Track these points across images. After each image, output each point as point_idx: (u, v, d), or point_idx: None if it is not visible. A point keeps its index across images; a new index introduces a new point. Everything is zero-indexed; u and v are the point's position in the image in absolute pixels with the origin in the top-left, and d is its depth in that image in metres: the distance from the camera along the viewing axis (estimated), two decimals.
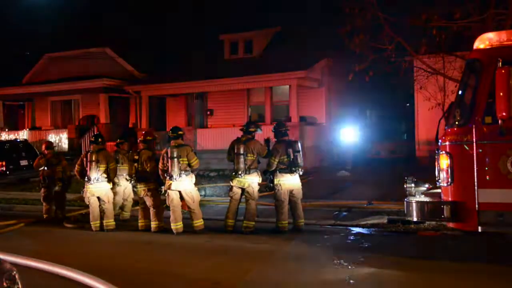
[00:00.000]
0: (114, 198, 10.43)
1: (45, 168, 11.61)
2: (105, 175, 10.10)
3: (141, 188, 9.77)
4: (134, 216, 10.81)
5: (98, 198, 10.05)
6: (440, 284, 6.06)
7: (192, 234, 9.24)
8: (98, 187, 10.03)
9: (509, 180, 6.00)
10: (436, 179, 6.78)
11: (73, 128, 23.74)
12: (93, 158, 10.06)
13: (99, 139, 10.53)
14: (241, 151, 9.24)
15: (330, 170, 18.46)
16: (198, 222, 9.38)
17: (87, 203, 10.20)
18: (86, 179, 10.09)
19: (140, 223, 9.97)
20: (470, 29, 11.53)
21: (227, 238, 8.97)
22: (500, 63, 5.94)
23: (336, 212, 10.70)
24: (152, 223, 9.70)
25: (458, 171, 6.32)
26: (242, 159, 9.21)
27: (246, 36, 22.41)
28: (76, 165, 10.53)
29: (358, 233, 9.08)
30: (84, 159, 10.29)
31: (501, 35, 6.38)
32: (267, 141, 9.57)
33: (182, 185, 9.30)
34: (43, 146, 12.04)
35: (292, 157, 9.12)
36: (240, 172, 9.22)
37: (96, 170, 10.00)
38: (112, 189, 10.36)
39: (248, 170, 9.22)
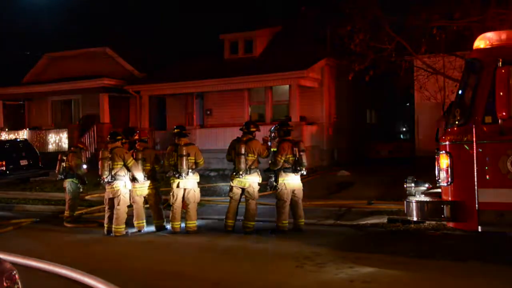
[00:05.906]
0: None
1: (85, 166, 11.26)
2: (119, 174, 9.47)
3: (150, 187, 9.72)
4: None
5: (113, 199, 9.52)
6: (440, 284, 6.06)
7: (192, 234, 9.24)
8: (109, 188, 9.55)
9: (509, 180, 6.00)
10: (436, 179, 6.77)
11: (74, 128, 23.70)
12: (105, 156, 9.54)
13: (116, 136, 9.77)
14: (242, 151, 9.18)
15: (330, 169, 18.49)
16: (191, 224, 9.35)
17: None
18: None
19: (138, 223, 9.74)
20: (470, 29, 11.54)
21: (227, 238, 8.97)
22: (500, 63, 5.94)
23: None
24: (142, 222, 9.63)
25: (458, 171, 6.32)
26: (243, 159, 9.16)
27: (246, 36, 22.37)
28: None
29: (358, 233, 9.07)
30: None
31: (501, 35, 6.39)
32: (264, 141, 9.55)
33: (189, 183, 9.34)
34: (81, 144, 11.80)
35: (297, 156, 9.12)
36: (241, 172, 9.18)
37: (107, 169, 9.41)
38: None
39: (248, 170, 9.18)
